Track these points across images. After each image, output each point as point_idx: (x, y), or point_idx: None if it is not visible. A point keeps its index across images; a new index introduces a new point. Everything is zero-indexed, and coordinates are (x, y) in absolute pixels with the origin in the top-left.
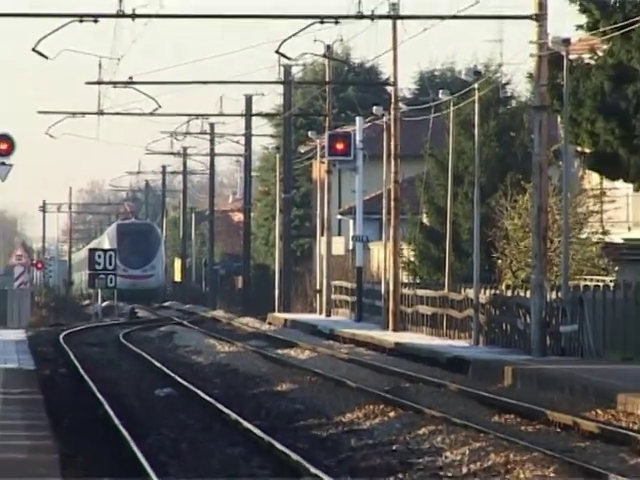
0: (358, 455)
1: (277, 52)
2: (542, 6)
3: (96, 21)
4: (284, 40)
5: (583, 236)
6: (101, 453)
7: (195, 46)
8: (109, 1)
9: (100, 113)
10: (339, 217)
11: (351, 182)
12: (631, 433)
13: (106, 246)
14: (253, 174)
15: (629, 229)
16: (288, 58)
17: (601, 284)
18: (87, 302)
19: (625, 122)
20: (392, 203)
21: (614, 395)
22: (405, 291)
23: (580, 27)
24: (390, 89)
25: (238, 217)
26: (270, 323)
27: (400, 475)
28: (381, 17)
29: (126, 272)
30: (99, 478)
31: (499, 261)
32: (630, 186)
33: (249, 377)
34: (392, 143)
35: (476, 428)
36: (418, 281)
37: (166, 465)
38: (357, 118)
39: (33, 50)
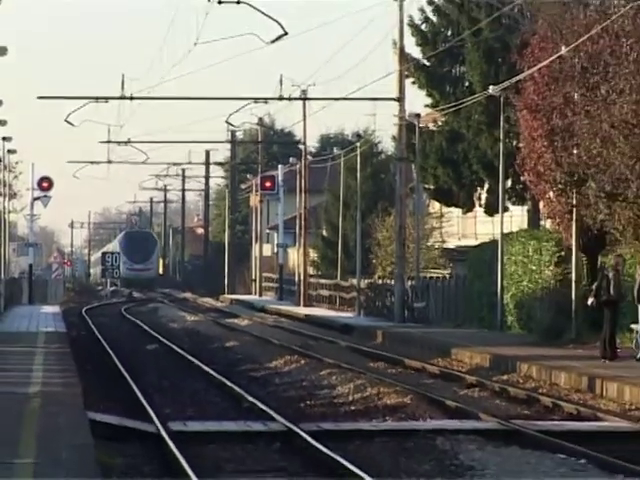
0: (280, 389)
1: (226, 122)
2: (402, 91)
3: (106, 101)
4: (230, 114)
5: (429, 244)
6: (110, 387)
7: (173, 115)
8: (116, 87)
9: (109, 162)
10: (267, 231)
11: (275, 208)
12: (460, 374)
13: (117, 248)
14: (210, 202)
15: (459, 239)
16: (233, 125)
17: (440, 275)
18: (100, 287)
19: (456, 169)
20: (302, 222)
21: (449, 348)
22: (311, 280)
23: (427, 105)
24: (301, 146)
25: (200, 231)
26: (221, 301)
27: (308, 401)
28: (295, 99)
29: (132, 266)
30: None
31: (373, 260)
32: (459, 210)
33: (207, 337)
34: (302, 182)
35: (358, 370)
36: (320, 273)
37: (153, 395)
38: (279, 166)
39: (65, 121)
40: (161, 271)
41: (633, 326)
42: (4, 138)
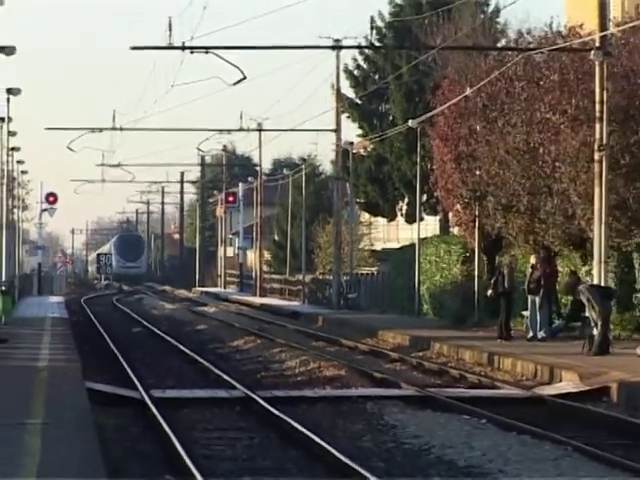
0: (241, 363)
1: (197, 148)
2: (338, 124)
3: (101, 131)
4: (200, 142)
5: (360, 246)
6: (103, 362)
7: (155, 143)
8: (108, 119)
9: (103, 181)
10: (230, 236)
11: (236, 218)
12: (385, 351)
13: (112, 249)
14: (184, 213)
15: (384, 243)
16: (203, 151)
17: (369, 272)
18: (95, 281)
19: (382, 186)
20: (258, 229)
21: (376, 331)
22: (265, 276)
23: (358, 135)
24: (257, 168)
25: (176, 236)
26: (193, 293)
27: (263, 373)
28: (252, 130)
29: (124, 264)
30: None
31: (315, 260)
32: (385, 220)
33: (182, 322)
34: (258, 197)
35: (303, 348)
36: (272, 270)
37: (138, 369)
38: (240, 184)
39: (67, 147)
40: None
41: (524, 313)
42: (18, 161)
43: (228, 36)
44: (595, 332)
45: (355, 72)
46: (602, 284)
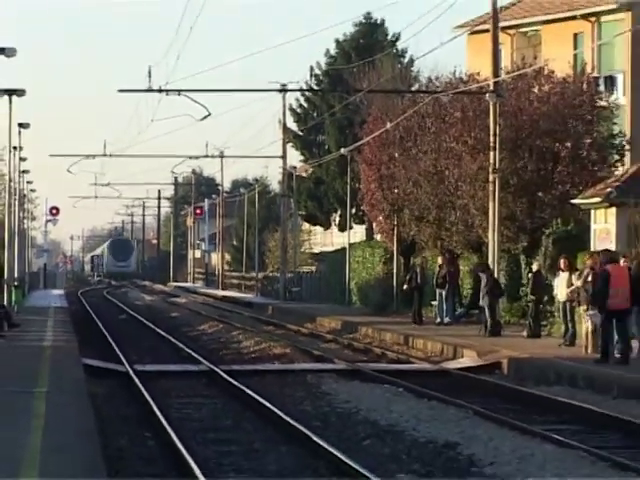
0: (206, 343)
1: (172, 171)
2: (284, 152)
3: (94, 157)
4: (174, 166)
5: (302, 250)
6: (96, 341)
7: (137, 166)
8: (99, 147)
9: (95, 197)
10: (198, 242)
11: (203, 227)
12: (322, 334)
13: (105, 251)
14: (161, 223)
15: (321, 247)
16: (176, 173)
17: (309, 270)
18: (89, 278)
19: (319, 202)
20: (220, 236)
21: (315, 317)
22: (226, 273)
23: (301, 161)
24: (219, 187)
25: (154, 242)
26: (168, 287)
27: (224, 351)
28: (215, 156)
29: (116, 264)
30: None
31: (266, 260)
32: (322, 228)
33: (158, 310)
34: (220, 210)
35: (256, 331)
36: (232, 269)
37: (123, 348)
38: (205, 200)
39: (67, 170)
40: None
41: (432, 302)
42: (27, 181)
43: (198, 79)
44: (487, 318)
45: (298, 110)
46: (495, 279)
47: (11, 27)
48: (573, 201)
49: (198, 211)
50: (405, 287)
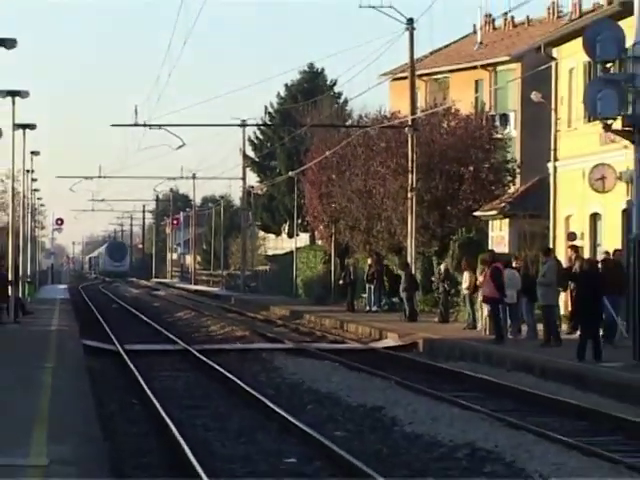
0: (181, 327)
1: (154, 189)
2: (244, 174)
3: (92, 179)
4: (156, 185)
5: (258, 252)
6: (92, 327)
7: (127, 186)
8: (95, 170)
9: (92, 210)
10: (175, 246)
11: (179, 234)
12: (274, 320)
13: (103, 252)
14: (145, 231)
15: (273, 250)
16: (157, 192)
17: (264, 269)
18: (88, 275)
19: (272, 214)
20: (193, 241)
21: (268, 306)
22: (198, 271)
23: (257, 181)
24: (192, 202)
25: (140, 246)
26: (151, 282)
27: (196, 334)
28: (189, 178)
29: (112, 264)
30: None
31: (230, 261)
32: (274, 235)
33: (143, 301)
34: (193, 221)
35: (221, 318)
36: (203, 267)
37: (115, 330)
38: (181, 213)
39: (69, 189)
40: None
41: (363, 295)
42: (38, 198)
43: (175, 116)
44: (406, 307)
45: (255, 141)
46: (412, 276)
47: (28, 73)
48: (475, 213)
49: (175, 221)
50: (341, 282)
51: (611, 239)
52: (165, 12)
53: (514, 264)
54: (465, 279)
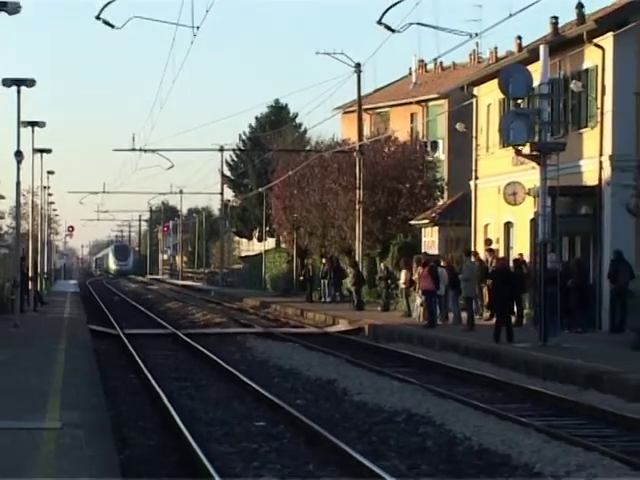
0: (171, 315)
1: (148, 203)
2: (222, 190)
3: (97, 194)
4: (149, 199)
5: (234, 254)
6: (98, 315)
7: (125, 200)
8: (100, 186)
9: (98, 219)
10: (166, 248)
11: (169, 239)
12: (247, 309)
13: (109, 253)
14: (141, 236)
15: (246, 252)
16: (150, 205)
17: (239, 268)
18: (94, 272)
19: (245, 223)
20: (181, 244)
21: (242, 298)
22: (184, 269)
23: (233, 195)
24: (180, 213)
25: (137, 249)
26: (146, 279)
27: (183, 320)
28: (177, 193)
29: (118, 263)
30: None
31: (211, 261)
32: (247, 240)
33: (139, 293)
34: (180, 229)
35: (203, 307)
36: (188, 266)
37: (117, 318)
38: (171, 222)
39: (79, 202)
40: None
41: (319, 288)
42: (53, 209)
43: (166, 141)
44: (355, 299)
45: (231, 163)
46: (360, 272)
47: (44, 105)
48: (410, 222)
49: (165, 228)
50: (301, 278)
51: (521, 243)
52: (155, 60)
53: (442, 263)
54: (402, 276)
